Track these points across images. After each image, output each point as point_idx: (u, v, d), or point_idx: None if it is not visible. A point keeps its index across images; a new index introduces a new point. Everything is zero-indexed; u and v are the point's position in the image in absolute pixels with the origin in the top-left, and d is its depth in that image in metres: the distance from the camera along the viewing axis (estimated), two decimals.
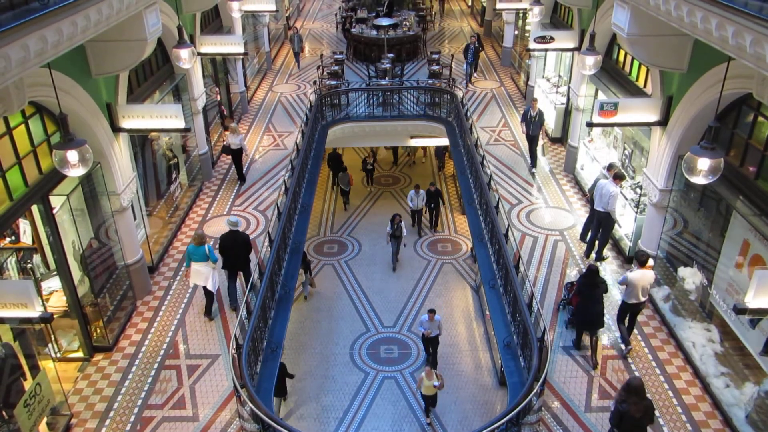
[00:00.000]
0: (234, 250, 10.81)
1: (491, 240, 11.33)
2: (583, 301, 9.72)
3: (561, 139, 16.80)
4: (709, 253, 9.44)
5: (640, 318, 10.32)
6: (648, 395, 7.67)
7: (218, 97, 17.44)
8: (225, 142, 15.75)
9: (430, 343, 10.46)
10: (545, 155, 16.33)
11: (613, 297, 10.81)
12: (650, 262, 9.89)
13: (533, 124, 15.35)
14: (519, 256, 10.71)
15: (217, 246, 11.06)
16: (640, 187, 11.62)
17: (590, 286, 9.63)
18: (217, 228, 13.35)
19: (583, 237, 12.57)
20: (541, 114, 15.49)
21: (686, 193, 10.06)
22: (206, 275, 10.56)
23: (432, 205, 15.14)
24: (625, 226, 12.27)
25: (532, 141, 15.61)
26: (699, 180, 6.86)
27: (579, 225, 13.08)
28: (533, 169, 15.62)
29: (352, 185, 16.55)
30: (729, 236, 8.86)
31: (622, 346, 9.78)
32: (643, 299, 9.58)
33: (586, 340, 9.95)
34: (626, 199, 12.14)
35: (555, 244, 12.73)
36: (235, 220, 11.07)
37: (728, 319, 8.78)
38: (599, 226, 11.82)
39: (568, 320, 10.52)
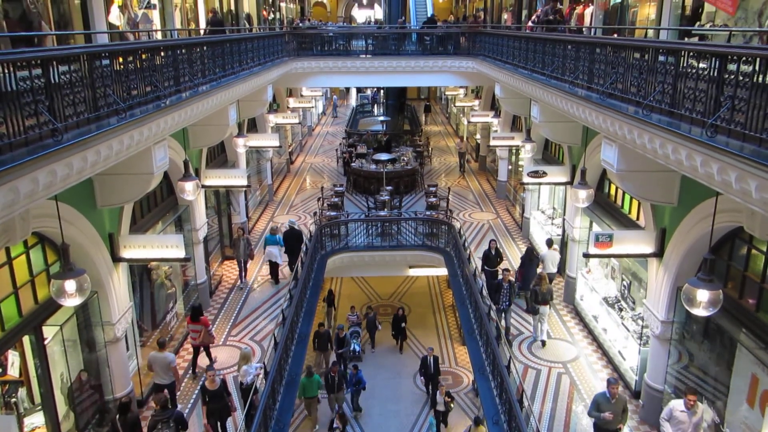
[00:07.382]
0: (292, 239, 16.62)
1: (493, 372, 11.01)
2: (525, 270, 14.62)
3: (559, 270, 16.84)
4: (717, 388, 9.13)
5: None
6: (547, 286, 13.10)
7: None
8: (243, 380, 10.73)
9: None
10: None
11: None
12: (555, 245, 15.25)
13: None
14: (522, 390, 10.35)
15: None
16: (642, 318, 11.49)
17: (529, 258, 14.80)
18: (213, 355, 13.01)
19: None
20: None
21: (689, 325, 9.93)
22: (276, 254, 16.34)
23: None
24: (629, 358, 11.96)
25: None
26: (700, 312, 6.83)
27: (582, 357, 12.77)
28: None
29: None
30: (736, 370, 8.62)
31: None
32: (553, 270, 14.77)
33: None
34: (628, 330, 11.96)
35: (559, 377, 12.30)
36: (293, 221, 17.39)
37: None
38: None
39: (518, 293, 14.48)
